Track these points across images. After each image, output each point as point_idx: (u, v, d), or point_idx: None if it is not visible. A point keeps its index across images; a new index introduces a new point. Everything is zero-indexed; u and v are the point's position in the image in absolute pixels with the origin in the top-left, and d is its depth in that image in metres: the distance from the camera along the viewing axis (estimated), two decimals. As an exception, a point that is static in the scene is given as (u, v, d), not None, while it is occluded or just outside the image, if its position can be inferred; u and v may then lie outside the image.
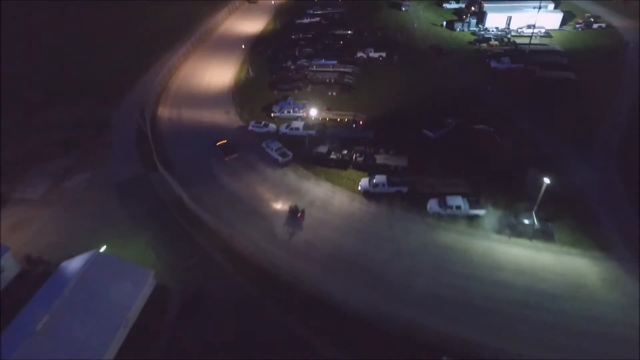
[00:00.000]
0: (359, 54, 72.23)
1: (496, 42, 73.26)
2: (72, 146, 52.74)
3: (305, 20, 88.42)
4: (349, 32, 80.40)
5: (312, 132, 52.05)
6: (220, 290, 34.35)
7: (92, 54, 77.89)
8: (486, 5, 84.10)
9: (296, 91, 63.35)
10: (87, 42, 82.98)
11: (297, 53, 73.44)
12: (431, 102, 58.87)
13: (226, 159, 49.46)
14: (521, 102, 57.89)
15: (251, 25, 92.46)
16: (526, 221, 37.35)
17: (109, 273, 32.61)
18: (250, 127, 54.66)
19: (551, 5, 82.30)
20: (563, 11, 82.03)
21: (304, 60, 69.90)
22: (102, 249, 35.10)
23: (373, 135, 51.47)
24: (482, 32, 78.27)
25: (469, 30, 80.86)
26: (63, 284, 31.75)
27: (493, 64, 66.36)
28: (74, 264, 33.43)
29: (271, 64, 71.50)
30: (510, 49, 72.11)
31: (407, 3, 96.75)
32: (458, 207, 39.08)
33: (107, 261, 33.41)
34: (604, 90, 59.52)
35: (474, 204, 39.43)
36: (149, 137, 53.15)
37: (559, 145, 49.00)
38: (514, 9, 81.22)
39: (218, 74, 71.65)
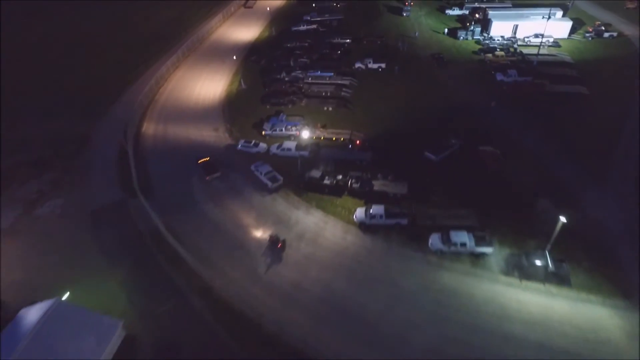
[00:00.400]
0: (357, 65, 68.51)
1: (502, 53, 69.37)
2: (47, 167, 49.20)
3: (302, 28, 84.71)
4: (347, 40, 76.66)
5: (305, 153, 48.41)
6: (198, 342, 30.74)
7: (76, 63, 74.54)
8: (491, 13, 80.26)
9: (290, 106, 59.67)
10: (70, 50, 79.68)
11: (292, 63, 69.82)
12: (433, 119, 55.20)
13: (207, 178, 46.06)
14: (530, 119, 54.11)
15: (246, 31, 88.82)
16: (538, 262, 33.58)
17: (71, 326, 29.01)
18: (239, 147, 51.04)
19: (559, 13, 78.38)
20: (572, 19, 78.20)
21: (299, 71, 66.20)
22: (65, 296, 31.54)
23: (370, 157, 47.86)
24: (487, 42, 74.41)
25: (473, 39, 77.03)
26: (18, 337, 28.21)
27: (499, 76, 62.53)
28: (33, 313, 29.82)
29: (265, 75, 67.88)
30: (517, 60, 68.25)
31: (409, 8, 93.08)
32: (463, 244, 35.37)
33: (70, 312, 29.78)
34: (618, 107, 55.64)
35: (480, 241, 35.72)
36: (130, 157, 49.66)
37: (572, 170, 45.21)
38: (520, 17, 77.36)
39: (209, 85, 68.03)
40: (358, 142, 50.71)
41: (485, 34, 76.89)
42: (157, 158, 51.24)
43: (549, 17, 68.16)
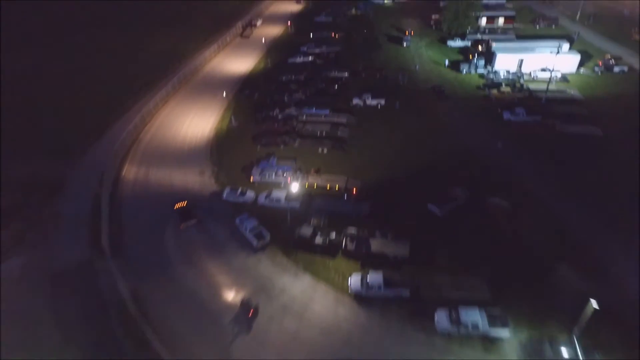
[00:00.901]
0: (355, 101, 64.90)
1: (508, 89, 65.77)
2: (13, 217, 44.83)
3: (299, 60, 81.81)
4: (345, 74, 73.41)
5: (296, 204, 43.99)
6: None
7: (58, 96, 71.10)
8: (495, 45, 77.24)
9: (282, 146, 55.67)
10: (53, 83, 76.44)
11: (286, 99, 66.36)
12: (436, 163, 51.00)
13: (181, 226, 41.83)
14: (541, 164, 49.85)
15: (240, 63, 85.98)
16: (565, 353, 28.52)
17: None
18: (224, 196, 46.66)
19: (566, 46, 75.30)
20: (578, 51, 75.03)
21: (293, 108, 62.58)
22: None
23: (368, 209, 43.38)
24: (492, 76, 70.97)
25: (476, 72, 73.73)
26: None
27: (506, 115, 58.66)
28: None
29: (258, 112, 64.25)
30: (523, 96, 64.57)
31: (408, 38, 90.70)
32: (475, 326, 30.40)
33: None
34: (637, 151, 51.41)
35: (495, 321, 30.72)
36: (104, 208, 45.33)
37: (593, 226, 40.53)
38: (525, 50, 74.20)
39: (198, 122, 64.32)
40: (354, 190, 46.33)
41: (489, 68, 73.59)
42: (134, 207, 46.79)
43: (558, 51, 64.88)
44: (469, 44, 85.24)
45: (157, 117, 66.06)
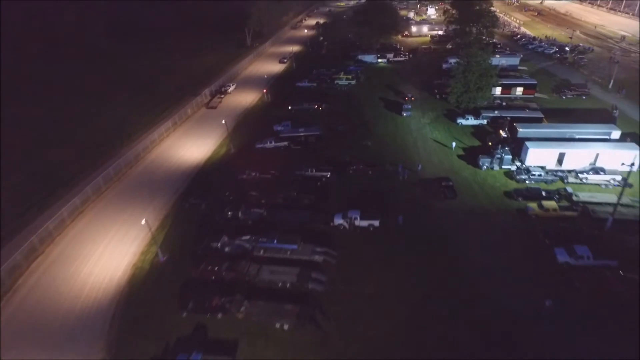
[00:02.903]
0: (338, 221, 45.78)
1: (554, 204, 46.56)
2: None
3: (269, 145, 63.81)
4: (327, 174, 54.81)
5: None
6: None
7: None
8: (521, 131, 59.42)
9: (220, 315, 35.69)
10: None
11: (240, 215, 47.34)
12: (456, 343, 31.08)
13: None
14: (620, 346, 29.92)
15: (196, 147, 67.79)
16: None
17: None
18: None
19: (616, 133, 57.67)
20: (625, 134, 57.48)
21: (246, 238, 43.25)
22: None
23: None
24: (524, 176, 52.52)
25: (500, 168, 55.51)
26: None
27: (561, 256, 39.31)
28: None
29: (200, 237, 44.93)
30: (576, 215, 45.46)
31: (409, 107, 74.44)
32: None
33: None
34: None
35: None
36: None
37: None
38: (564, 141, 55.96)
39: (112, 254, 44.64)
40: None
41: (519, 163, 55.39)
42: None
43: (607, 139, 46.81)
44: (484, 122, 67.92)
45: (56, 244, 46.41)
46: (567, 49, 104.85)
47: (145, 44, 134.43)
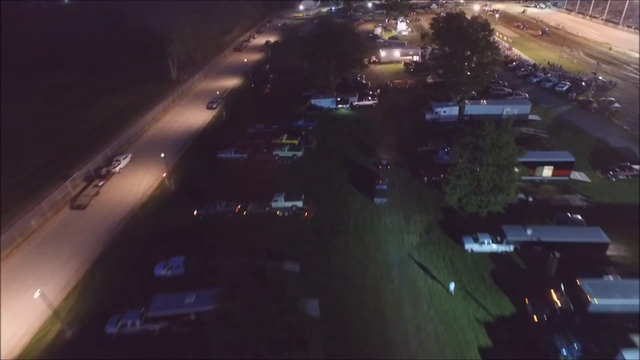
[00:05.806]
0: None
1: None
2: None
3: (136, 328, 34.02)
4: None
5: None
6: None
7: None
8: (597, 302, 32.52)
9: None
10: None
11: None
12: None
13: None
14: None
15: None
16: None
17: None
18: None
19: None
20: None
21: None
22: None
23: None
24: None
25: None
26: None
27: None
28: None
29: None
30: None
31: (384, 187, 49.14)
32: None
33: None
34: None
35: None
36: None
37: None
38: None
39: None
40: None
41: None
42: None
43: None
44: (510, 248, 40.61)
45: None
46: (583, 83, 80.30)
47: (32, 80, 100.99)
